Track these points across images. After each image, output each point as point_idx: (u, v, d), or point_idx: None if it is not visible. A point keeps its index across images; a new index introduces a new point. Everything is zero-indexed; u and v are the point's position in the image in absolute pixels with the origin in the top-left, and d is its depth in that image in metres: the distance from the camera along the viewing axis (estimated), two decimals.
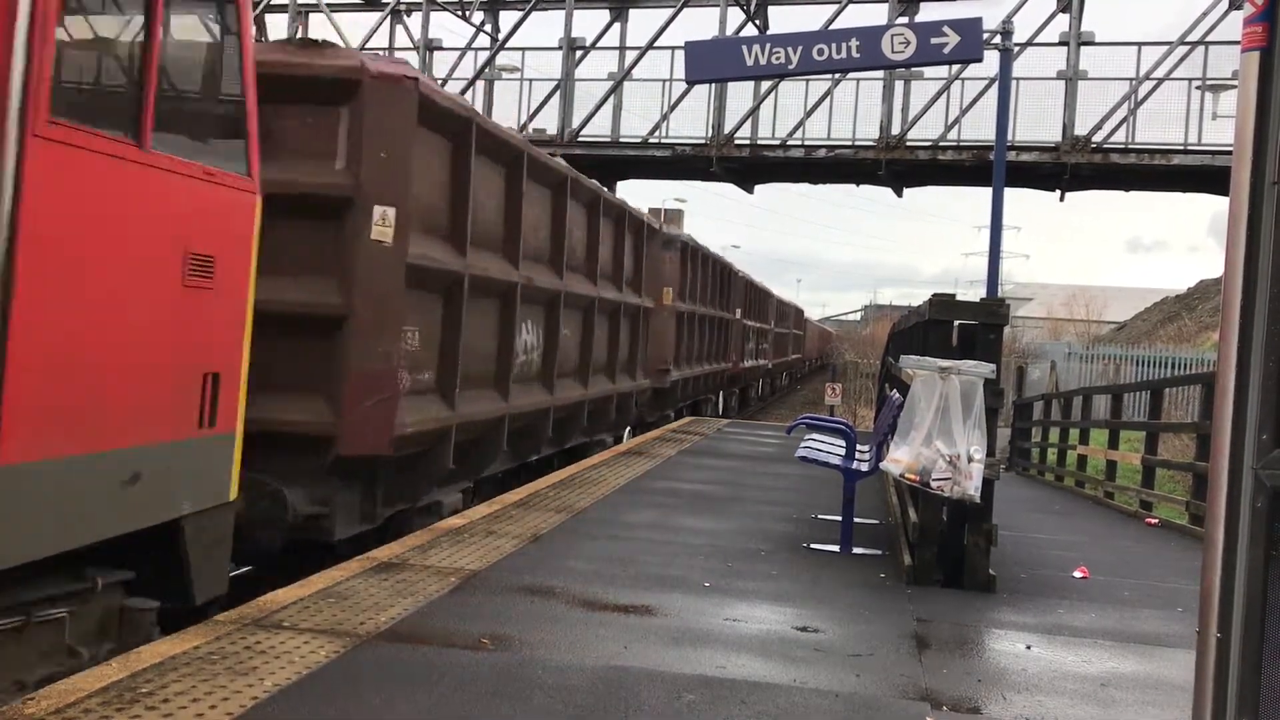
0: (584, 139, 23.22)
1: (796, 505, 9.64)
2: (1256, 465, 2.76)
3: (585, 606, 5.51)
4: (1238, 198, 2.79)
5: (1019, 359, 32.06)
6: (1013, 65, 13.16)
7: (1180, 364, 28.95)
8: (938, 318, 7.10)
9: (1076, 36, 20.81)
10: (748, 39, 12.95)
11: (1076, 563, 7.88)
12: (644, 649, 4.83)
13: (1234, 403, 2.79)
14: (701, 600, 5.83)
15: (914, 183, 23.79)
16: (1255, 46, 2.76)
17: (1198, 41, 20.31)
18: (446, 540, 6.86)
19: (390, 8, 24.65)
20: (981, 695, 4.59)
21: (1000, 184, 12.08)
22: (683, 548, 7.27)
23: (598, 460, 12.06)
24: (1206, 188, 21.55)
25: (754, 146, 22.71)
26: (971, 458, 6.33)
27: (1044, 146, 20.86)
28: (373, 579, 5.71)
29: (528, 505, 8.48)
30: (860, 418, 29.73)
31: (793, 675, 4.60)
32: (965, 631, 5.71)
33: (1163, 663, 5.35)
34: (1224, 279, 2.85)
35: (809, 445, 8.57)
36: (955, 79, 21.10)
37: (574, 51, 23.51)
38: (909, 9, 21.49)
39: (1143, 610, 6.61)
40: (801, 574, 6.74)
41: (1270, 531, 2.76)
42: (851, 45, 10.60)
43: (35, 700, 3.68)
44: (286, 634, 4.62)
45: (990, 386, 6.54)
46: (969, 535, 6.73)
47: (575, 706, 4.02)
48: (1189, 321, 39.19)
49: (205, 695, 3.83)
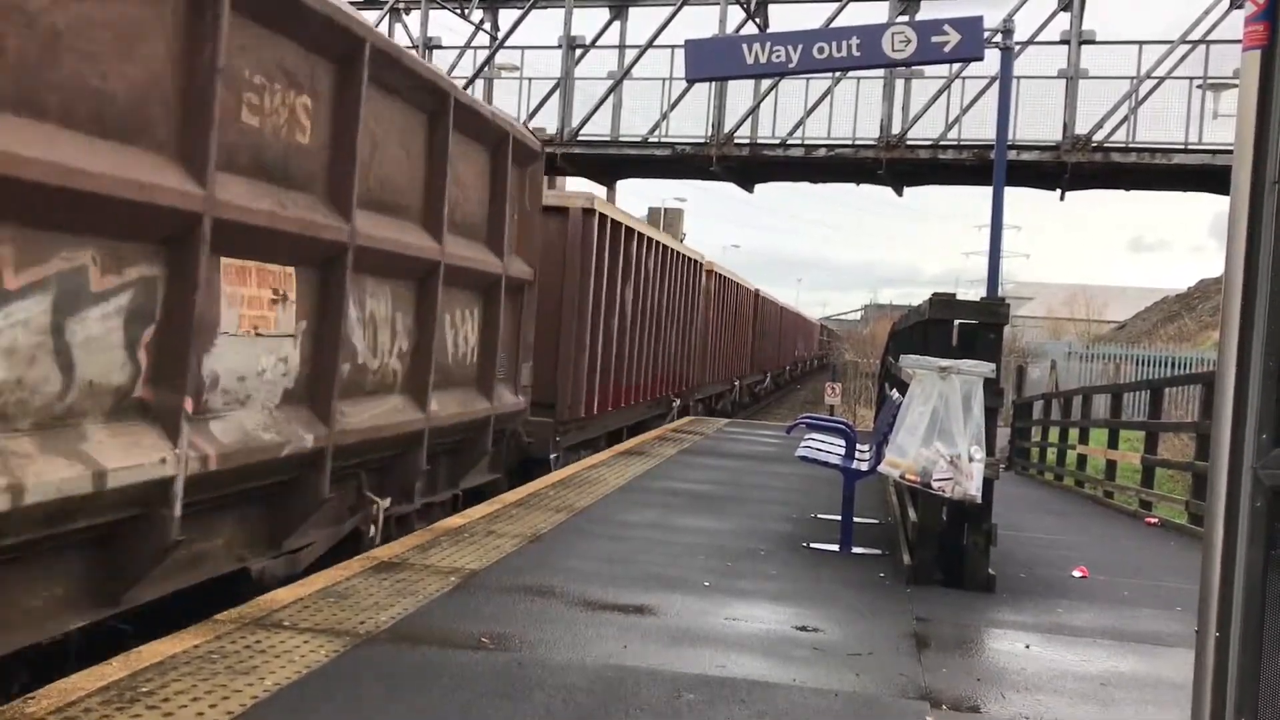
0: (584, 138, 23.19)
1: (796, 505, 9.64)
2: (1256, 465, 2.76)
3: (585, 606, 5.51)
4: (1238, 197, 2.79)
5: (1019, 358, 32.08)
6: (1013, 64, 13.15)
7: (1180, 364, 28.96)
8: (938, 317, 7.10)
9: (1077, 35, 20.78)
10: (748, 37, 12.93)
11: (1076, 562, 7.88)
12: (644, 648, 4.83)
13: (1234, 402, 2.79)
14: (701, 600, 5.83)
15: (914, 182, 23.75)
16: (1256, 45, 2.76)
17: (1199, 40, 20.28)
18: (446, 540, 6.86)
19: (390, 6, 24.63)
20: (981, 694, 4.59)
21: (1000, 183, 12.07)
22: (683, 547, 7.27)
23: (598, 460, 12.07)
24: (1207, 187, 21.53)
25: (754, 145, 22.68)
26: (972, 457, 6.33)
27: (1044, 145, 20.82)
28: (373, 578, 5.71)
29: (528, 505, 8.48)
30: (860, 418, 29.74)
31: (792, 674, 4.60)
32: (965, 631, 5.71)
33: (1162, 662, 5.35)
34: (1224, 278, 2.85)
35: (809, 445, 8.57)
36: (956, 78, 21.07)
37: (574, 50, 23.48)
38: (909, 7, 21.46)
39: (1142, 609, 6.61)
40: (801, 574, 6.74)
41: (1270, 531, 2.76)
42: (852, 44, 10.59)
43: (35, 699, 3.68)
44: (286, 633, 4.62)
45: (990, 386, 6.54)
46: (969, 535, 6.73)
47: (575, 706, 4.02)
48: (1189, 321, 39.20)
49: (205, 694, 3.83)
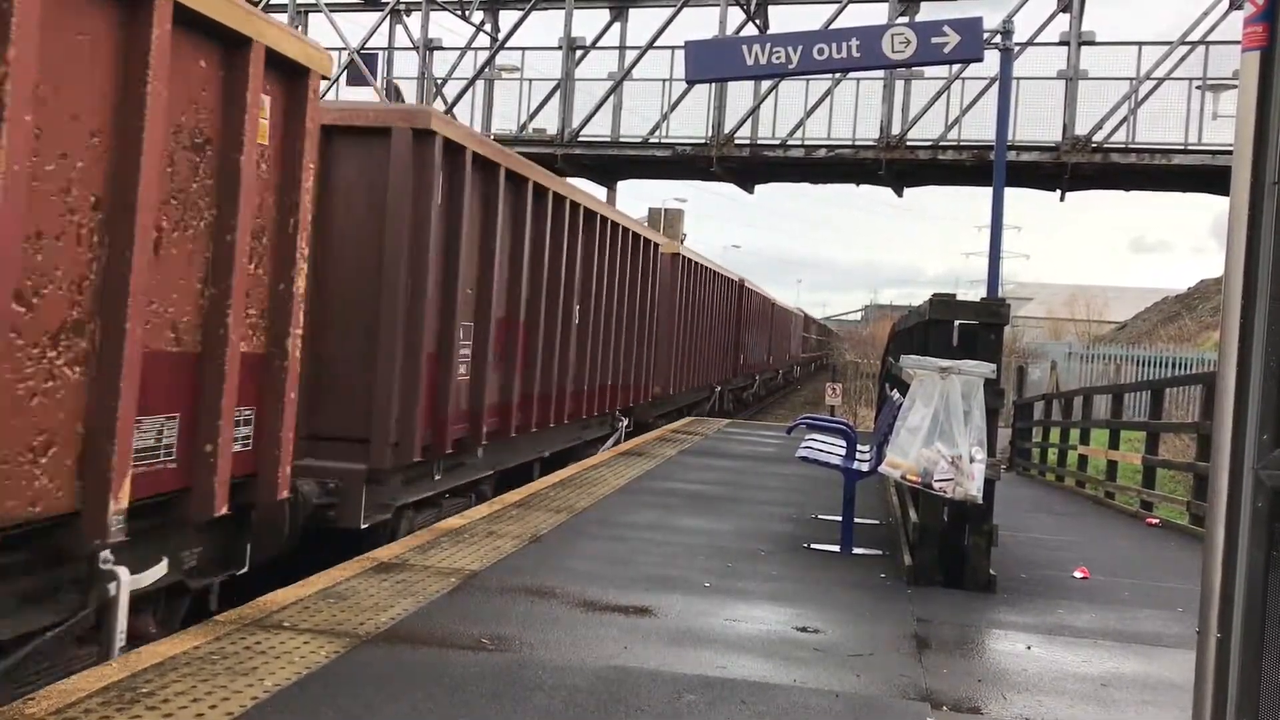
0: (584, 139, 23.21)
1: (796, 505, 9.63)
2: (1257, 465, 2.76)
3: (585, 607, 5.51)
4: (1238, 198, 2.79)
5: (1019, 359, 32.06)
6: (1013, 65, 13.15)
7: (1181, 364, 28.95)
8: (938, 317, 7.10)
9: (1077, 36, 20.79)
10: (748, 39, 12.93)
11: (1077, 563, 7.88)
12: (644, 649, 4.83)
13: (1234, 403, 2.79)
14: (702, 600, 5.83)
15: (914, 182, 23.77)
16: (1256, 46, 2.76)
17: (1198, 41, 20.29)
18: (447, 540, 6.85)
19: (390, 7, 24.63)
20: (982, 695, 4.59)
21: (1000, 184, 12.06)
22: (683, 548, 7.26)
23: (598, 460, 12.05)
24: (1207, 188, 21.54)
25: (754, 146, 22.69)
26: (973, 458, 6.33)
27: (1044, 146, 20.84)
28: (373, 579, 5.70)
29: (528, 505, 8.47)
30: (860, 418, 29.75)
31: (793, 675, 4.60)
32: (965, 632, 5.70)
33: (1163, 663, 5.35)
34: (1224, 279, 2.85)
35: (809, 445, 8.57)
36: (955, 79, 21.09)
37: (574, 51, 23.49)
38: (909, 9, 21.47)
39: (1143, 610, 6.61)
40: (802, 574, 6.74)
41: (1271, 532, 2.75)
42: (852, 45, 10.58)
43: (35, 700, 3.68)
44: (286, 634, 4.62)
45: (991, 386, 6.54)
46: (969, 535, 6.72)
47: (575, 707, 4.02)
48: (1189, 321, 39.19)
49: (205, 695, 3.83)
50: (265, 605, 5.06)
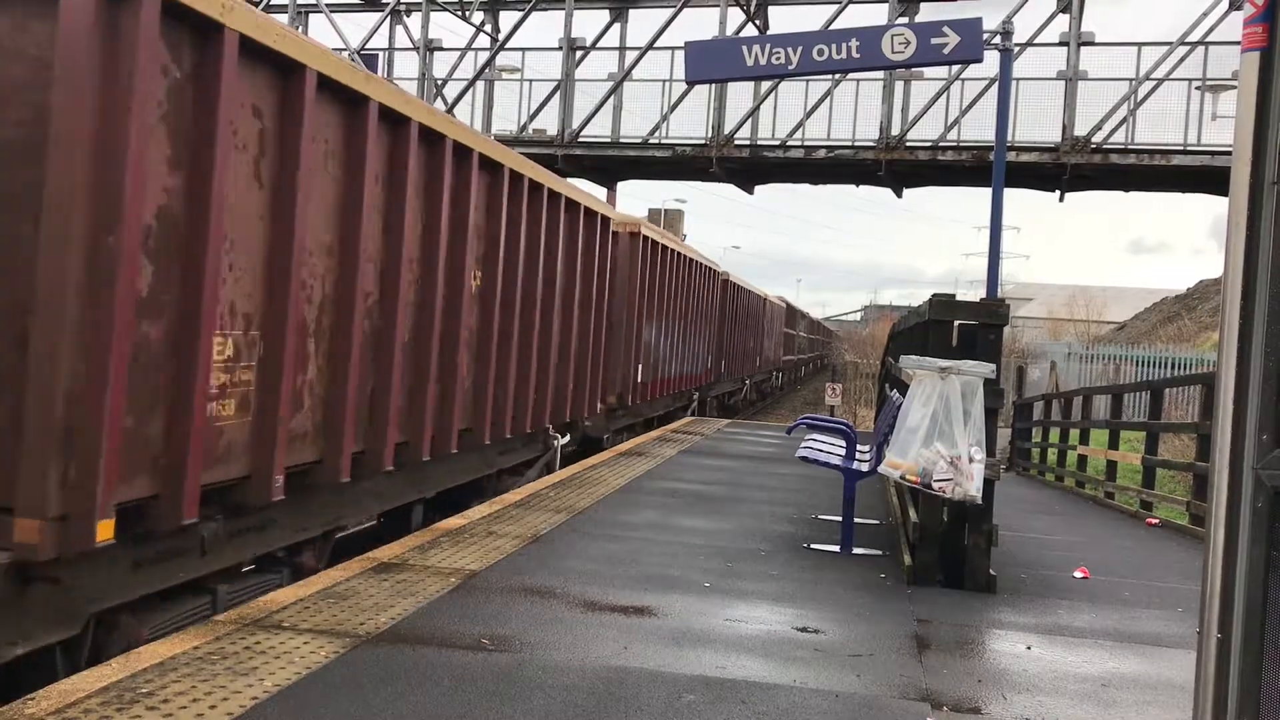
0: (584, 139, 23.21)
1: (796, 505, 9.63)
2: (1257, 465, 2.76)
3: (585, 607, 5.51)
4: (1238, 198, 2.79)
5: (1019, 359, 32.09)
6: (1013, 65, 13.15)
7: (1180, 364, 28.96)
8: (938, 318, 7.10)
9: (1076, 37, 20.79)
10: (748, 39, 12.92)
11: (1077, 563, 7.88)
12: (644, 649, 4.83)
13: (1234, 403, 2.79)
14: (702, 600, 5.83)
15: (914, 183, 23.77)
16: (1255, 47, 2.76)
17: (1198, 42, 20.29)
18: (447, 540, 6.86)
19: (390, 8, 24.63)
20: (982, 696, 4.59)
21: (1000, 184, 12.05)
22: (683, 548, 7.26)
23: (598, 460, 12.05)
24: (1206, 188, 21.54)
25: (754, 147, 22.70)
26: (972, 458, 6.33)
27: (1044, 147, 20.84)
28: (373, 579, 5.71)
29: (528, 505, 8.48)
30: (860, 418, 29.74)
31: (793, 675, 4.60)
32: (966, 632, 5.70)
33: (1163, 663, 5.35)
34: (1224, 279, 2.85)
35: (809, 445, 8.57)
36: (955, 79, 21.09)
37: (574, 52, 23.49)
38: (909, 9, 21.47)
39: (1143, 610, 6.61)
40: (802, 574, 6.74)
41: (1271, 532, 2.75)
42: (851, 45, 10.58)
43: (35, 700, 3.68)
44: (286, 634, 4.62)
45: (990, 386, 6.54)
46: (969, 536, 6.73)
47: (575, 707, 4.02)
48: (1189, 322, 39.20)
49: (205, 695, 3.83)
50: (265, 605, 5.06)
